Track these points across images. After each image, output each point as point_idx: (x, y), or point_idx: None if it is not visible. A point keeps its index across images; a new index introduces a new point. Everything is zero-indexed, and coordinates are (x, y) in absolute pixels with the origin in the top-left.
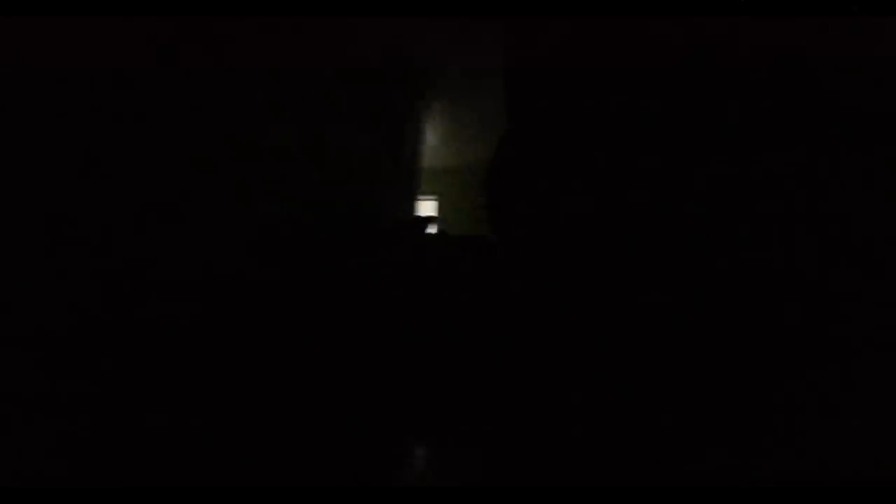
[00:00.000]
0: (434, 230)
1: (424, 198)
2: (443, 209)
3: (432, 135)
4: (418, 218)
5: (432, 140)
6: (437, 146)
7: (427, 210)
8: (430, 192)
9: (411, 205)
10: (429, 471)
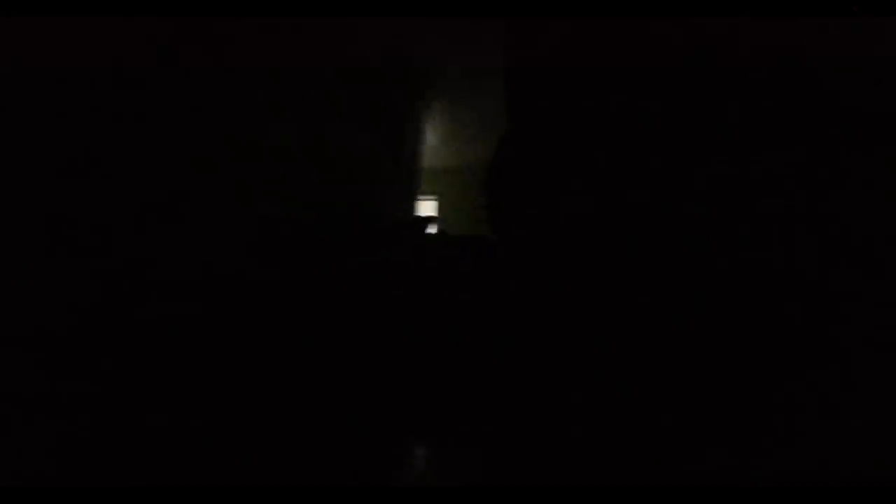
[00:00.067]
0: (434, 230)
1: (425, 198)
2: (443, 209)
3: (432, 135)
4: (418, 218)
5: (432, 140)
6: (437, 146)
7: (427, 210)
8: (430, 191)
9: (411, 205)
10: (429, 470)
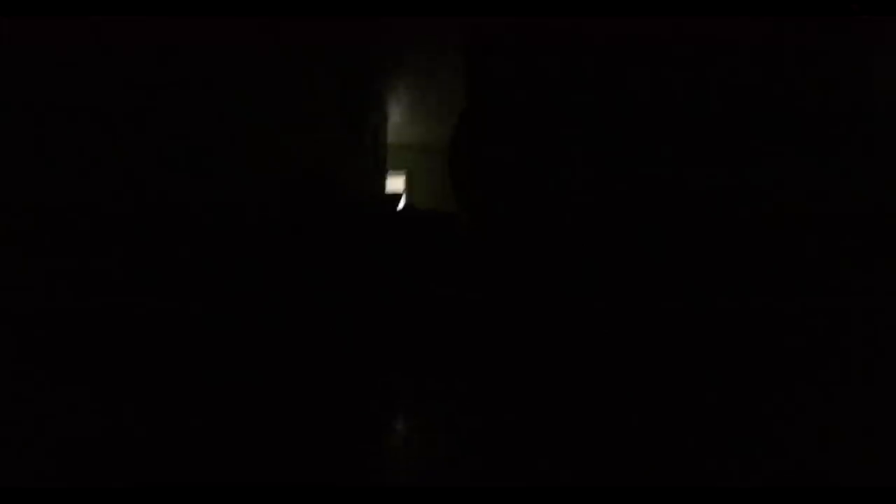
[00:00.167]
0: (402, 205)
1: (393, 173)
2: (411, 184)
3: (401, 111)
4: (387, 194)
5: (401, 116)
6: (406, 122)
7: (396, 185)
8: (399, 167)
9: (380, 181)
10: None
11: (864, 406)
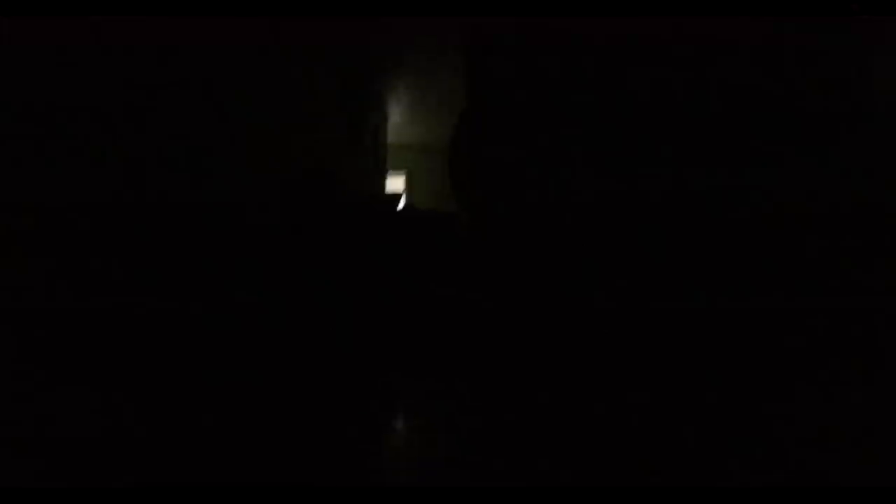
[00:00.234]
0: (402, 205)
1: (394, 173)
2: (411, 184)
3: (401, 111)
4: (387, 194)
5: (402, 116)
6: (406, 122)
7: (396, 185)
8: (399, 167)
9: (380, 180)
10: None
11: (864, 406)
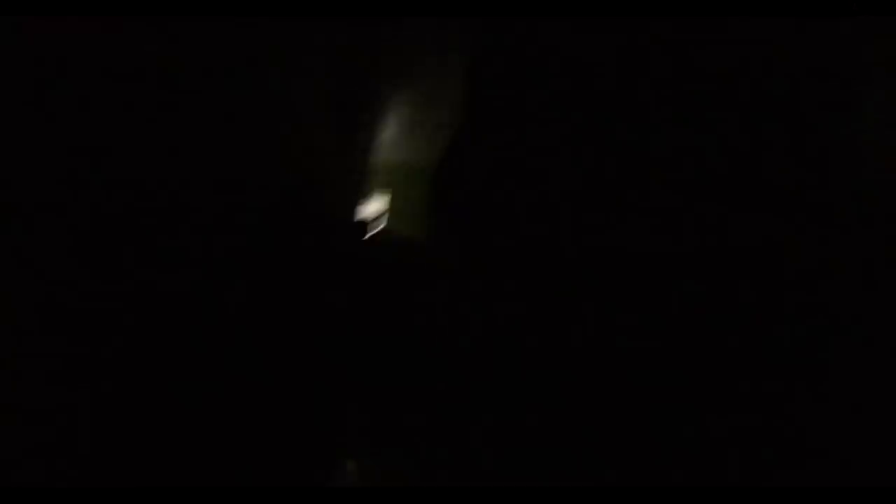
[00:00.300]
0: (383, 226)
1: (377, 193)
2: (394, 206)
3: (387, 131)
4: (369, 214)
5: (387, 136)
6: (391, 142)
7: (378, 206)
8: (382, 188)
9: (362, 200)
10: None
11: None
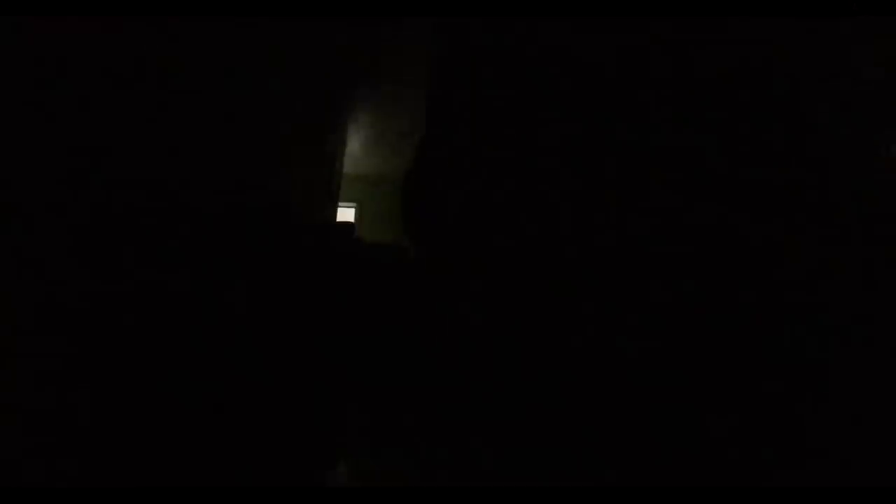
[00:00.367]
0: (351, 237)
1: (343, 205)
2: (361, 216)
3: (354, 142)
4: (336, 224)
5: (354, 147)
6: (358, 154)
7: (345, 217)
8: (349, 199)
9: (330, 211)
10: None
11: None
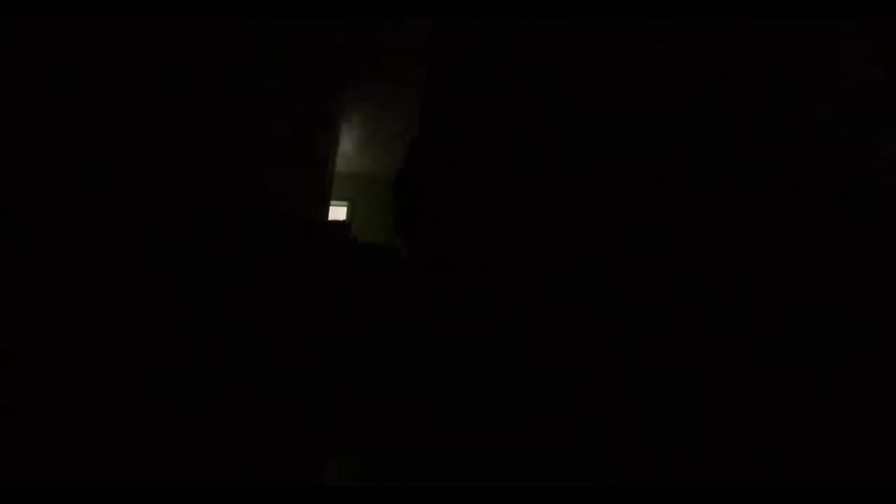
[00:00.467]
0: (348, 235)
1: (336, 203)
2: (353, 215)
3: (347, 142)
4: (329, 222)
5: (347, 147)
6: (351, 153)
7: (337, 216)
8: (341, 198)
9: (323, 210)
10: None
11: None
